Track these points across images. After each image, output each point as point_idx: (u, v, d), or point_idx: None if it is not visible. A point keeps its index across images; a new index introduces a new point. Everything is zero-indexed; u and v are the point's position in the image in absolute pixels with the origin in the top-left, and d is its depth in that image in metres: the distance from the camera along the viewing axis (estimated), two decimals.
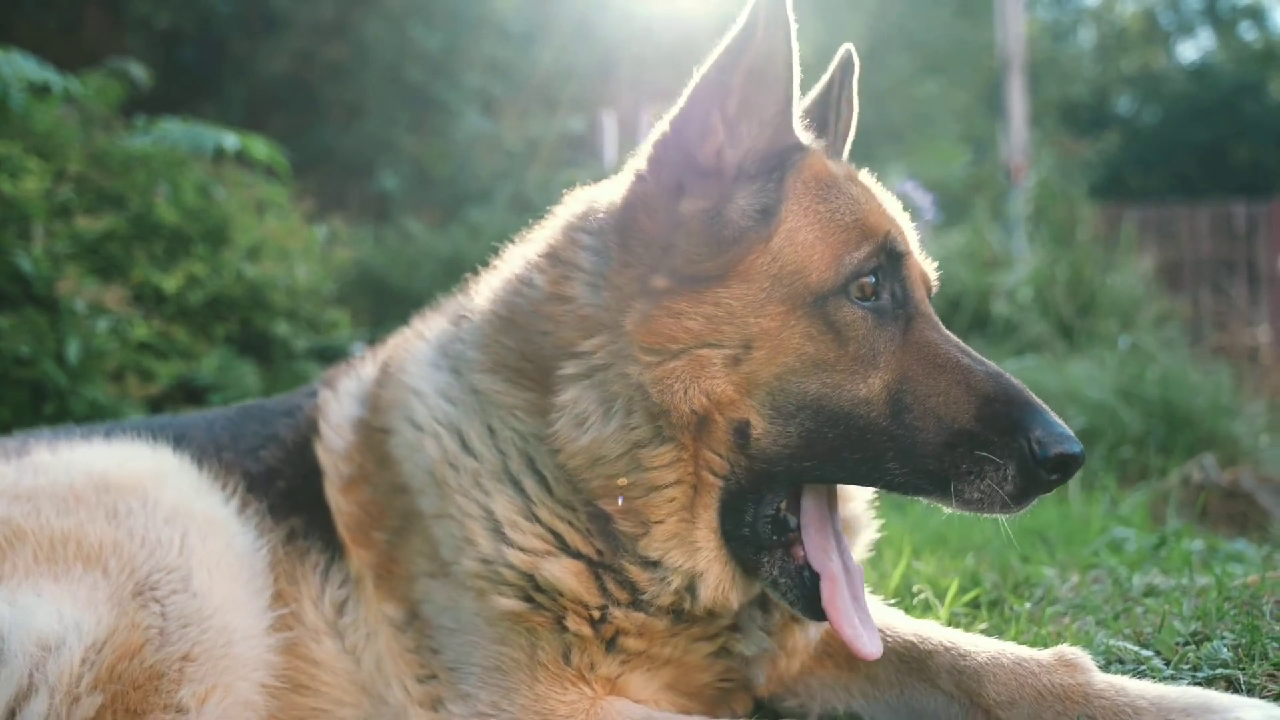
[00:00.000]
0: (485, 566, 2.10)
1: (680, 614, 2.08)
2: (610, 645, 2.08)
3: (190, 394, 5.87)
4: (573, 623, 2.06)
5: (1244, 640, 2.31)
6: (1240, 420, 6.36)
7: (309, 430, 2.48)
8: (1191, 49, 45.27)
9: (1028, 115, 13.38)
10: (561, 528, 2.09)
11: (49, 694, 1.90)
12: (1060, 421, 1.95)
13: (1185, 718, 1.84)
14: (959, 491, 1.92)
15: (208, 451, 2.48)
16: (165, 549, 2.16)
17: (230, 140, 5.86)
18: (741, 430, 1.99)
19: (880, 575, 3.17)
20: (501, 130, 14.72)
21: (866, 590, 2.15)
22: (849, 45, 2.45)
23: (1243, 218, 17.74)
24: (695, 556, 2.02)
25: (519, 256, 2.32)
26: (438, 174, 14.48)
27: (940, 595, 2.90)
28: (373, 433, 2.37)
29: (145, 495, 2.24)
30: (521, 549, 2.08)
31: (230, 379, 6.00)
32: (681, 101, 2.08)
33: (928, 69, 22.33)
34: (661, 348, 1.98)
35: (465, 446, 2.18)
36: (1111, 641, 2.45)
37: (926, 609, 2.86)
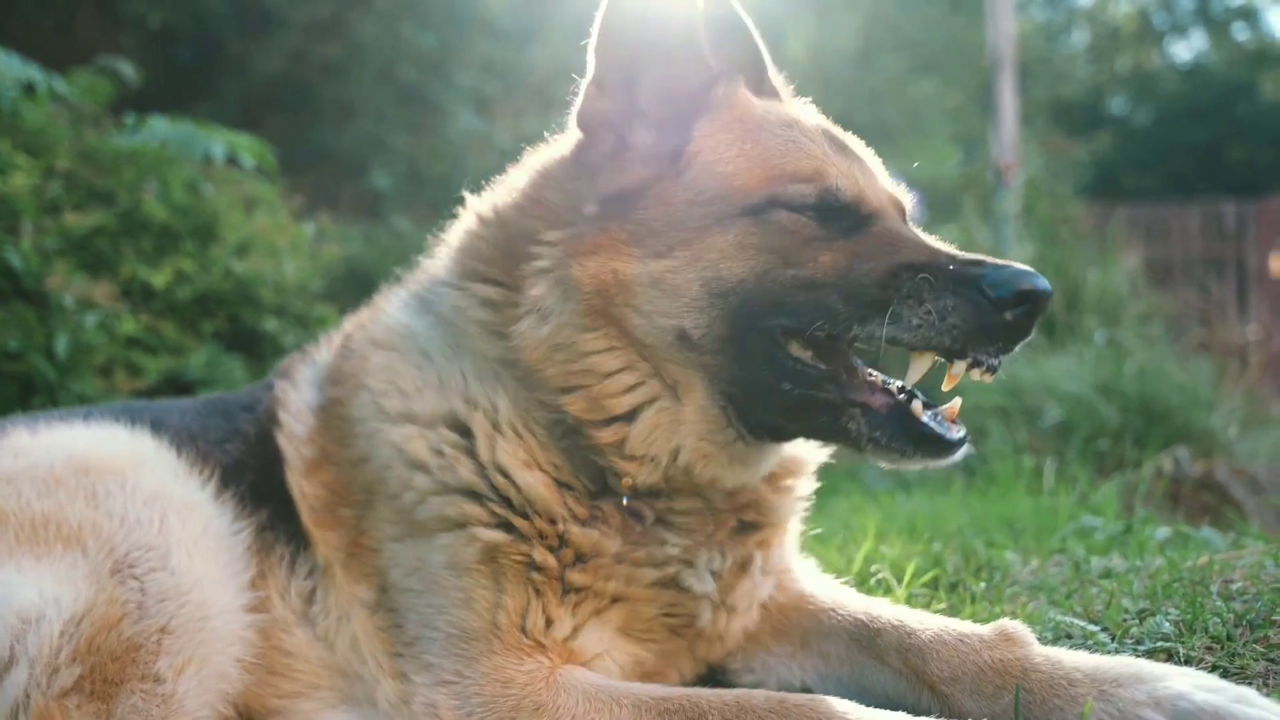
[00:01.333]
0: (460, 496, 2.21)
1: (649, 495, 2.22)
2: (563, 585, 2.18)
3: (178, 389, 5.93)
4: (539, 553, 2.16)
5: (1187, 616, 2.39)
6: (1217, 415, 6.43)
7: (269, 422, 2.55)
8: (1185, 49, 45.38)
9: (1018, 115, 13.44)
10: (530, 444, 2.22)
11: (29, 665, 1.97)
12: (1015, 263, 2.04)
13: (1117, 687, 1.92)
14: (898, 316, 2.02)
15: (183, 439, 2.54)
16: (144, 529, 2.22)
17: (218, 149, 5.95)
18: (682, 335, 2.14)
19: (847, 559, 3.25)
20: (496, 130, 14.76)
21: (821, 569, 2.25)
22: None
23: (1232, 217, 17.84)
24: (679, 431, 2.18)
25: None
26: (431, 173, 14.53)
27: (899, 577, 2.98)
28: (333, 405, 2.45)
29: (124, 478, 2.30)
30: (501, 463, 2.20)
31: (218, 374, 6.06)
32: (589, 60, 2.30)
33: (921, 69, 22.37)
34: (593, 250, 2.18)
35: (436, 367, 2.33)
36: (1062, 618, 2.53)
37: (887, 591, 2.94)
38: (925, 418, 2.10)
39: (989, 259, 2.07)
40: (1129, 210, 18.76)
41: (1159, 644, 2.29)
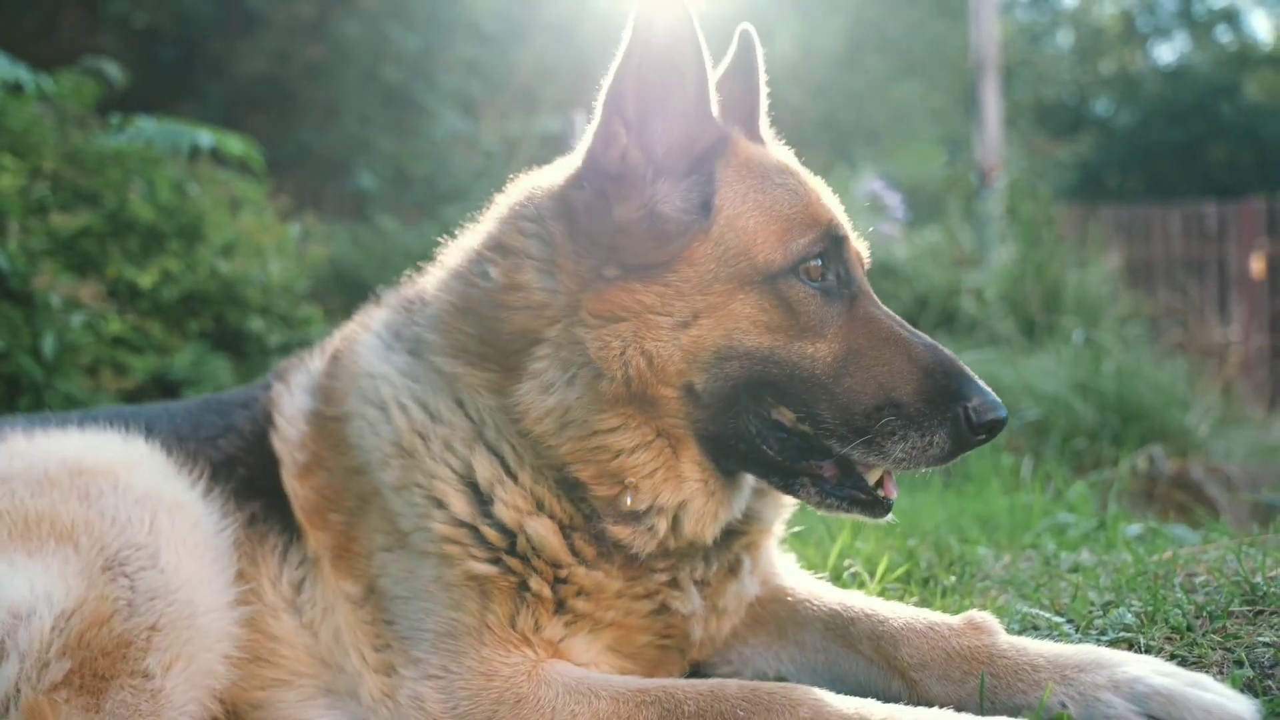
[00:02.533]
0: (458, 529, 2.23)
1: (647, 557, 2.23)
2: (560, 607, 2.22)
3: (164, 389, 5.97)
4: (535, 583, 2.20)
5: (1149, 608, 2.46)
6: (1193, 414, 6.52)
7: (265, 421, 2.58)
8: (1168, 51, 45.63)
9: (1002, 117, 13.53)
10: (540, 491, 2.23)
11: (19, 659, 2.01)
12: (989, 389, 2.16)
13: (1078, 672, 2.00)
14: (883, 449, 2.11)
15: (173, 440, 2.59)
16: (135, 528, 2.25)
17: (205, 139, 5.97)
18: (690, 389, 2.16)
19: (823, 555, 3.31)
20: (480, 130, 14.80)
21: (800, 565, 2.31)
22: (746, 25, 2.59)
23: (1214, 218, 17.99)
24: (682, 489, 2.20)
25: (466, 247, 2.45)
26: (415, 174, 14.56)
27: (873, 572, 3.04)
28: (326, 422, 2.47)
29: (116, 479, 2.34)
30: (510, 506, 2.22)
31: (204, 374, 6.10)
32: (597, 114, 2.24)
33: (905, 70, 22.50)
34: (611, 314, 2.14)
35: (434, 417, 2.30)
36: (1029, 610, 2.60)
37: (860, 585, 3.00)
38: (870, 482, 2.22)
39: (967, 373, 2.16)
40: (1112, 211, 18.92)
41: (1121, 634, 2.36)
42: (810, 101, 19.38)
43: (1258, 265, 17.48)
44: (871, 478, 2.21)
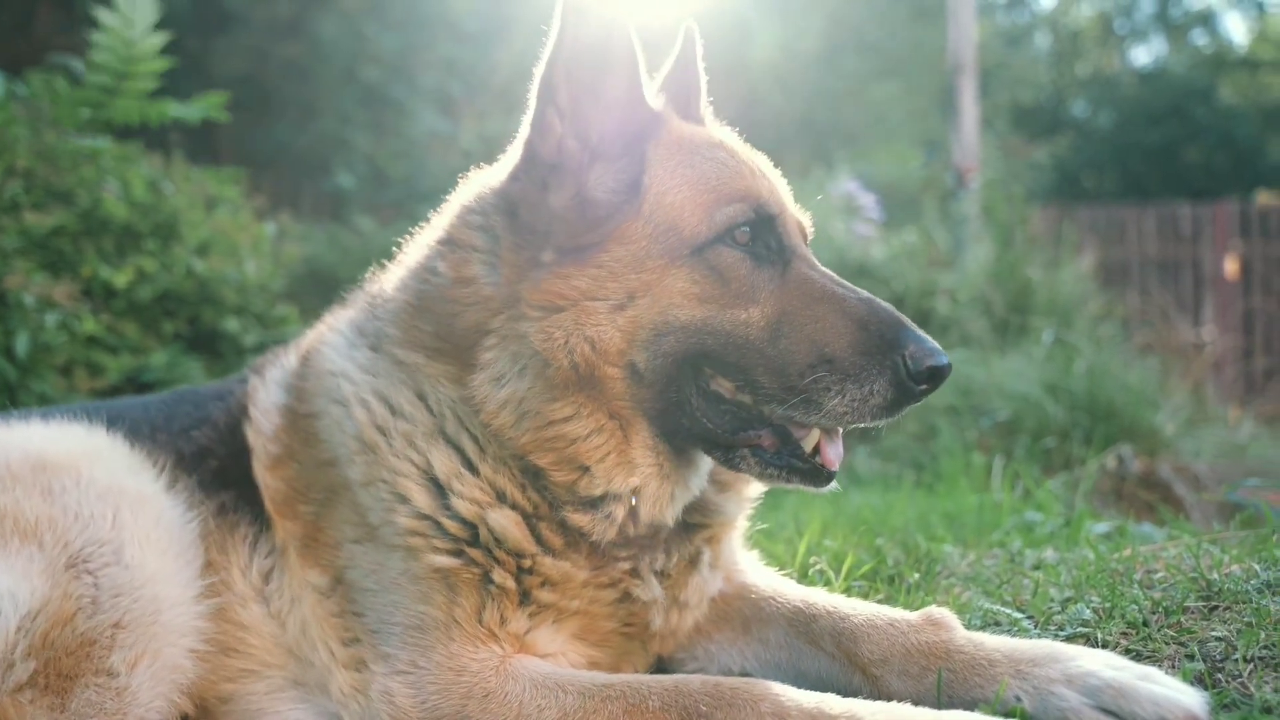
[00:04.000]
0: (421, 522, 2.25)
1: (609, 545, 2.26)
2: (525, 598, 2.25)
3: (139, 389, 5.93)
4: (499, 575, 2.22)
5: (1107, 604, 2.50)
6: (1162, 414, 6.59)
7: (240, 413, 2.61)
8: (1145, 53, 46.01)
9: (979, 118, 13.61)
10: (501, 482, 2.26)
11: None
12: (929, 338, 2.16)
13: (1033, 666, 2.04)
14: (820, 405, 2.13)
15: (141, 432, 2.59)
16: (98, 524, 2.26)
17: (172, 108, 5.98)
18: (633, 368, 2.20)
19: (792, 552, 3.34)
20: (459, 130, 14.79)
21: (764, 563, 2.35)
22: (690, 22, 2.65)
23: (1188, 219, 18.15)
24: (634, 473, 2.23)
25: (423, 243, 2.49)
26: (393, 173, 14.53)
27: (838, 569, 3.07)
28: (298, 418, 2.50)
29: (79, 473, 2.34)
30: (467, 499, 2.24)
31: (179, 374, 6.07)
32: (529, 104, 2.28)
33: (883, 72, 22.56)
34: (550, 304, 2.18)
35: (395, 412, 2.33)
36: (991, 606, 2.64)
37: (827, 583, 3.03)
38: (808, 448, 2.24)
39: (905, 322, 2.18)
40: (1087, 212, 19.07)
41: (1079, 629, 2.40)
42: (789, 102, 19.43)
43: (1231, 266, 17.64)
44: (808, 444, 2.23)
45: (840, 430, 2.27)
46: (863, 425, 2.20)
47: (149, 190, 6.38)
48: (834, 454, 2.26)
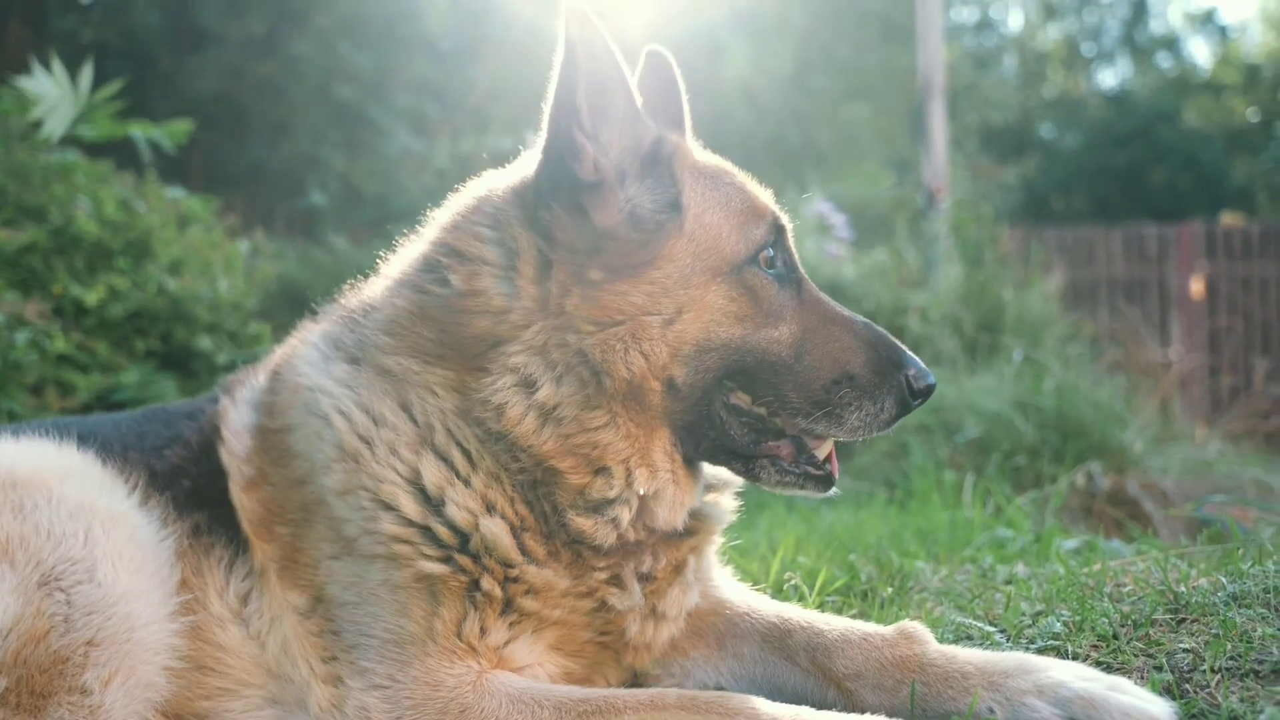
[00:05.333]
0: (408, 529, 2.25)
1: (605, 550, 2.31)
2: (508, 607, 2.26)
3: (110, 408, 5.90)
4: (487, 582, 2.23)
5: (1076, 617, 2.54)
6: (1131, 431, 6.66)
7: (211, 434, 2.59)
8: (1111, 76, 46.63)
9: (948, 139, 13.75)
10: (491, 494, 2.27)
11: None
12: (919, 359, 2.37)
13: (1005, 678, 2.07)
14: (841, 419, 2.30)
15: (113, 449, 2.57)
16: (70, 542, 2.24)
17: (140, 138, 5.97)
18: (671, 383, 2.26)
19: (766, 569, 3.36)
20: (433, 149, 14.80)
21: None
22: (656, 47, 2.72)
23: (1154, 240, 18.36)
24: (655, 476, 2.30)
25: (415, 255, 2.49)
26: (366, 191, 14.52)
27: (812, 584, 3.10)
28: (270, 435, 2.49)
29: (50, 491, 2.32)
30: (463, 508, 2.26)
31: (151, 392, 6.04)
32: (544, 133, 2.31)
33: (853, 93, 22.75)
34: (608, 319, 2.24)
35: (378, 421, 2.33)
36: (963, 620, 2.67)
37: (801, 598, 3.05)
38: (820, 458, 2.40)
39: (902, 346, 2.37)
40: (1055, 232, 19.27)
41: (1050, 642, 2.43)
42: (760, 122, 19.57)
43: (1197, 287, 17.86)
44: (821, 453, 2.39)
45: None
46: (868, 437, 2.38)
47: (121, 208, 6.36)
48: (835, 462, 2.44)
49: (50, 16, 15.29)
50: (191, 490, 2.53)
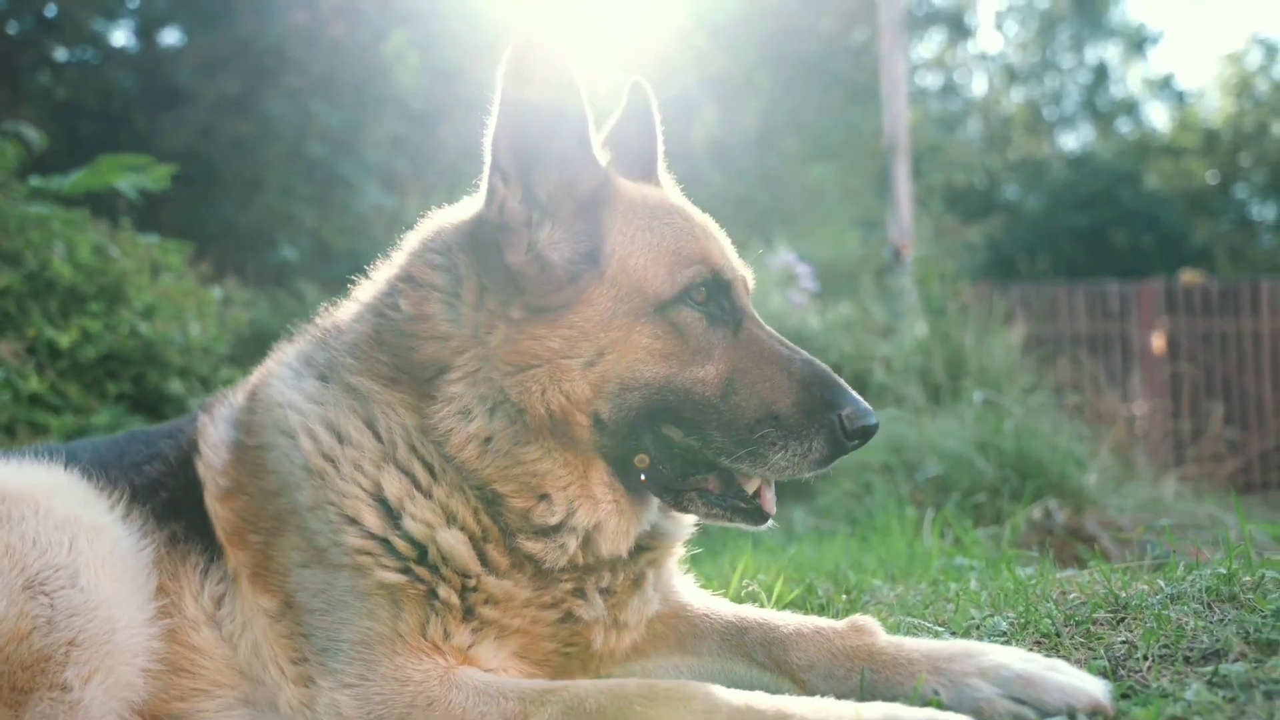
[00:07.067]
0: (370, 541, 2.36)
1: (556, 572, 2.40)
2: (468, 614, 2.36)
3: None
4: (444, 591, 2.33)
5: (1022, 619, 2.65)
6: (1090, 473, 6.80)
7: (190, 449, 2.70)
8: (1073, 140, 47.56)
9: (913, 198, 14.01)
10: (453, 505, 2.38)
11: None
12: (861, 399, 2.36)
13: (949, 663, 2.18)
14: (765, 458, 2.32)
15: (95, 469, 2.68)
16: (55, 550, 2.34)
17: (124, 184, 6.06)
18: (597, 417, 2.34)
19: (725, 584, 3.45)
20: (404, 206, 14.94)
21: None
22: (638, 79, 2.82)
23: (1116, 296, 18.69)
24: (596, 508, 2.38)
25: (380, 280, 2.63)
26: (337, 247, 14.64)
27: (769, 591, 3.19)
28: (247, 451, 2.59)
29: (37, 504, 2.42)
30: (419, 520, 2.35)
31: None
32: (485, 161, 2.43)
33: (820, 153, 23.16)
34: (525, 363, 2.33)
35: (342, 439, 2.44)
36: (914, 622, 2.77)
37: (759, 604, 3.14)
38: (749, 492, 2.44)
39: (841, 384, 2.38)
40: (1019, 288, 19.58)
41: (995, 639, 2.54)
42: (729, 183, 19.88)
43: (1158, 342, 18.18)
44: (750, 487, 2.42)
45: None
46: (798, 478, 2.38)
47: (95, 254, 6.45)
48: (771, 497, 2.46)
49: (25, 73, 15.40)
50: (169, 501, 2.63)
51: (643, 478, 2.41)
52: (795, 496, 7.30)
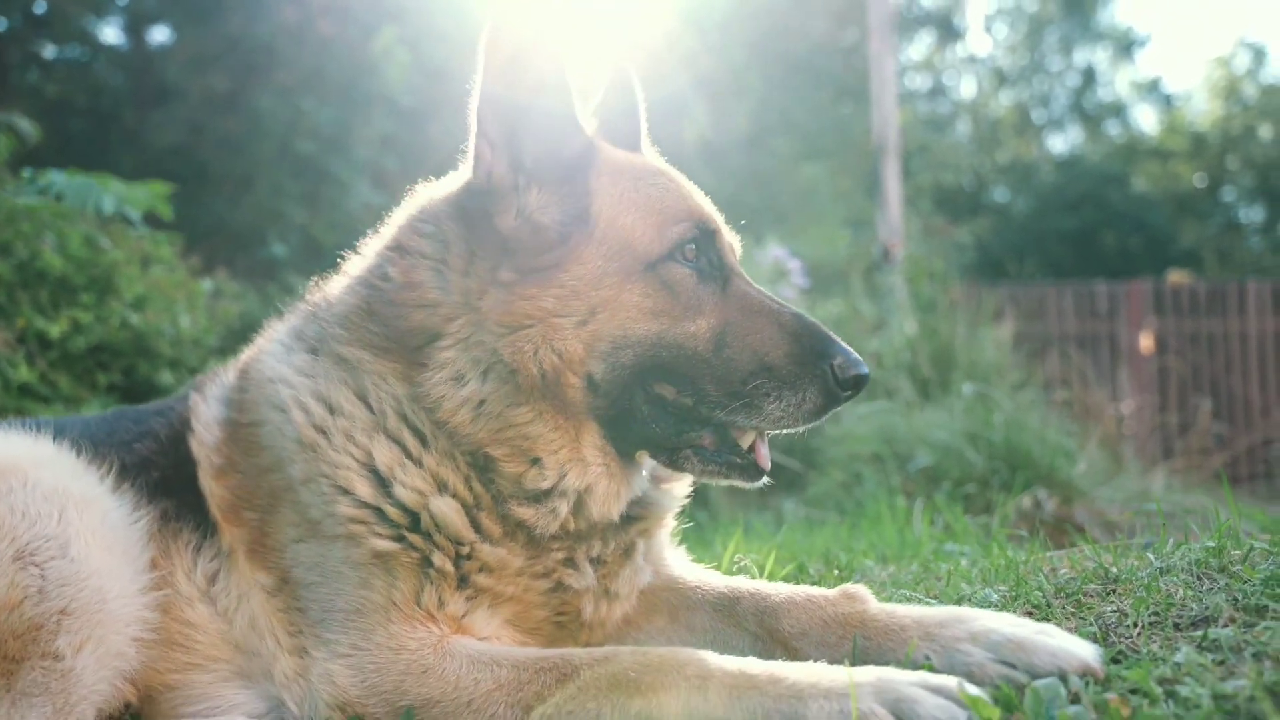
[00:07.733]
0: (363, 510, 2.36)
1: (549, 538, 2.40)
2: (462, 581, 2.36)
3: None
4: (438, 559, 2.34)
5: (1013, 591, 2.66)
6: (1080, 465, 6.83)
7: (182, 427, 2.70)
8: (1061, 142, 47.76)
9: (903, 198, 14.05)
10: (445, 473, 2.38)
11: None
12: (852, 350, 2.38)
13: (940, 628, 2.18)
14: (760, 409, 2.34)
15: (84, 443, 2.68)
16: (44, 521, 2.34)
17: (109, 202, 6.05)
18: (590, 378, 2.35)
19: (719, 563, 3.45)
20: (394, 203, 14.93)
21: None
22: (623, 63, 2.86)
23: (1104, 297, 18.76)
24: (586, 471, 2.38)
25: (369, 252, 2.64)
26: (326, 243, 14.61)
27: (761, 568, 3.20)
28: (240, 428, 2.60)
29: (26, 476, 2.42)
30: (410, 488, 2.36)
31: None
32: (470, 129, 2.45)
33: (811, 153, 23.22)
34: (518, 323, 2.34)
35: (334, 410, 2.44)
36: (906, 593, 2.78)
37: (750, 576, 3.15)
38: (744, 447, 2.44)
39: (831, 336, 2.40)
40: (1008, 288, 19.64)
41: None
42: (720, 183, 19.92)
43: (1146, 342, 18.26)
44: (744, 442, 2.43)
45: (768, 434, 2.46)
46: (795, 429, 2.39)
47: (86, 245, 6.44)
48: (765, 453, 2.47)
49: (15, 70, 15.36)
50: (160, 480, 2.63)
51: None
52: (786, 487, 7.32)
